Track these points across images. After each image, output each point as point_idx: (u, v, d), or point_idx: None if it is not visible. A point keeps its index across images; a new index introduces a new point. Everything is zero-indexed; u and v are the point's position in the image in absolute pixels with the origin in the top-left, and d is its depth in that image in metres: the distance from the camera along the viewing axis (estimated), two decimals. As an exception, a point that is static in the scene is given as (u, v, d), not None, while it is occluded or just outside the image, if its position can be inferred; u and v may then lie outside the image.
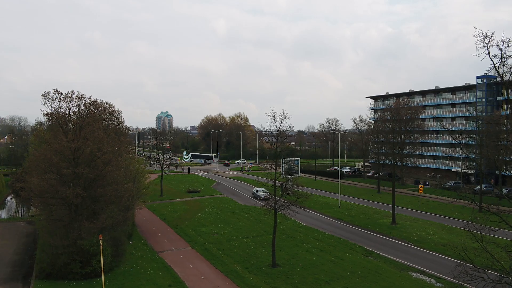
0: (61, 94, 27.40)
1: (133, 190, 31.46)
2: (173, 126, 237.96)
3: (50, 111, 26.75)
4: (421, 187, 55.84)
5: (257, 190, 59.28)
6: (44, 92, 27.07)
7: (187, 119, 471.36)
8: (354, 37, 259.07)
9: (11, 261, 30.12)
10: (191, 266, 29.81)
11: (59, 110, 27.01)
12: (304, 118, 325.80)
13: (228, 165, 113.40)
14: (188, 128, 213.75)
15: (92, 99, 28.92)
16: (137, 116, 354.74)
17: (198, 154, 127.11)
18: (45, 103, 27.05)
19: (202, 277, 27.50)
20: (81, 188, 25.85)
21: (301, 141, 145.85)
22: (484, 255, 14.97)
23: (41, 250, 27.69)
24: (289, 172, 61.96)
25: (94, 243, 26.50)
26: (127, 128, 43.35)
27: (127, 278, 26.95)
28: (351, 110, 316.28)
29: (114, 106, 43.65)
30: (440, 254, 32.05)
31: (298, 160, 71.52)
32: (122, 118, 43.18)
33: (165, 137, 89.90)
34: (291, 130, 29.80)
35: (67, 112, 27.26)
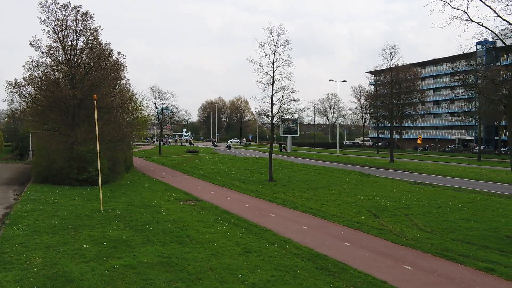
0: (58, 3, 27.40)
1: (130, 110, 31.40)
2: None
3: (46, 17, 26.65)
4: (420, 137, 55.68)
5: None
6: (41, 1, 27.08)
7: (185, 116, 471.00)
8: (350, 35, 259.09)
9: (8, 177, 30.12)
10: (188, 183, 29.81)
11: (56, 18, 26.93)
12: (303, 115, 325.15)
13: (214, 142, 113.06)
14: (189, 116, 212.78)
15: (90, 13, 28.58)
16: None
17: (180, 133, 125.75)
18: (42, 11, 27.03)
19: (199, 187, 27.50)
20: (78, 91, 25.84)
21: (300, 123, 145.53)
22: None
23: (38, 156, 27.65)
24: (288, 131, 61.99)
25: (91, 150, 26.46)
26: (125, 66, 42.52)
27: (124, 187, 26.90)
28: (349, 105, 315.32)
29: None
30: (439, 175, 32.09)
31: (297, 120, 71.17)
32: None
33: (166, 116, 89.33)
34: (289, 44, 29.03)
35: (63, 22, 27.15)
